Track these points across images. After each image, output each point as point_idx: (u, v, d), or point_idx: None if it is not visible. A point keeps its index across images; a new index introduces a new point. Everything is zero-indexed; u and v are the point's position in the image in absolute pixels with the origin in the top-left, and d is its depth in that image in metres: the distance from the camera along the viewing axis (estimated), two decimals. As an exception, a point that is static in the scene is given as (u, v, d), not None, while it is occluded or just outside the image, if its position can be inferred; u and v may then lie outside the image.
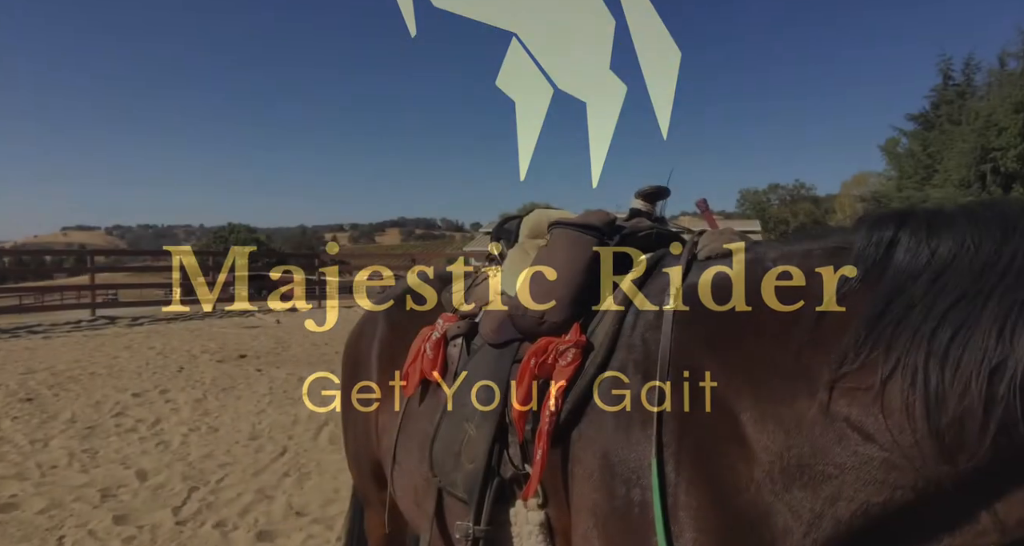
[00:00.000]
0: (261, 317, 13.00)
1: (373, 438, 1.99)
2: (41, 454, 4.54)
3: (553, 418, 1.23)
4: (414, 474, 1.66)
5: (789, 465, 0.96)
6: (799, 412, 0.96)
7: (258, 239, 63.97)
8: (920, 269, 0.93)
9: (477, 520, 1.33)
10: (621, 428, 1.15)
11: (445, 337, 1.68)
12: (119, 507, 3.68)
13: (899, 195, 33.91)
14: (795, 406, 0.97)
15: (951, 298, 0.87)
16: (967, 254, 0.90)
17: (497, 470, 1.35)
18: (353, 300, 18.84)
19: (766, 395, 1.01)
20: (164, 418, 5.50)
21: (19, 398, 6.01)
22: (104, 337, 9.99)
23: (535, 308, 1.35)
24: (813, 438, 0.94)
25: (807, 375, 0.97)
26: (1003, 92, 27.77)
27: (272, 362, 8.12)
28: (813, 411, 0.95)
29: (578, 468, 1.20)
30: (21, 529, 3.36)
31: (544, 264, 1.41)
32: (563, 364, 1.26)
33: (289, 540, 3.36)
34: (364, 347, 2.09)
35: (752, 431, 1.00)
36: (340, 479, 4.17)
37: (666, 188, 1.62)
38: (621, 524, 1.09)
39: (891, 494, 0.89)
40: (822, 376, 0.95)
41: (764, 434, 0.99)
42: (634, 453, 1.11)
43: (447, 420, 1.52)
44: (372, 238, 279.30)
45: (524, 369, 1.31)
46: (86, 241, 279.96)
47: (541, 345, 1.32)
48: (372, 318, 2.14)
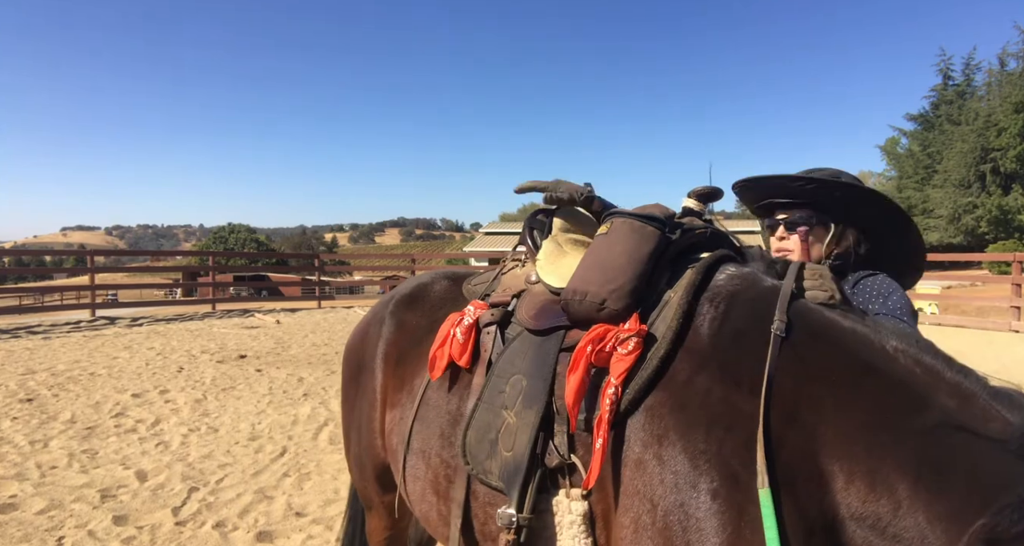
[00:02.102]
0: (261, 317, 13.00)
1: (378, 440, 1.95)
2: (41, 454, 4.54)
3: (614, 407, 1.21)
4: (436, 460, 1.62)
5: (857, 527, 0.99)
6: (894, 501, 0.97)
7: (258, 239, 64.02)
8: None
9: (520, 509, 1.31)
10: (692, 427, 1.13)
11: (477, 324, 1.65)
12: (119, 507, 3.68)
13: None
14: (893, 495, 0.97)
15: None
16: None
17: (541, 459, 1.33)
18: (353, 300, 18.85)
19: (862, 460, 1.00)
20: (164, 418, 5.50)
21: (19, 399, 6.01)
22: (104, 337, 9.99)
23: (596, 292, 1.33)
24: (895, 530, 0.96)
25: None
26: (1003, 92, 27.72)
27: (272, 362, 8.12)
28: (904, 510, 0.95)
29: (633, 462, 1.18)
30: (21, 529, 3.36)
31: (605, 251, 1.38)
32: (623, 352, 1.24)
33: (289, 540, 3.36)
34: (369, 347, 2.05)
35: (838, 484, 1.01)
36: (340, 479, 4.17)
37: (719, 189, 1.61)
38: (683, 523, 1.07)
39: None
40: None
41: (849, 493, 1.00)
42: (722, 455, 1.09)
43: (482, 407, 1.49)
44: (372, 238, 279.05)
45: (579, 356, 1.28)
46: (86, 241, 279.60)
47: (599, 333, 1.29)
48: (377, 318, 2.09)
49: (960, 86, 30.71)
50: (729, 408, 1.11)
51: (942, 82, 30.37)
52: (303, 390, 6.60)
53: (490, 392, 1.50)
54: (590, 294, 1.34)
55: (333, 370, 7.61)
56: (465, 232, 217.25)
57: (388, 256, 45.50)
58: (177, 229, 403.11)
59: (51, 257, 75.86)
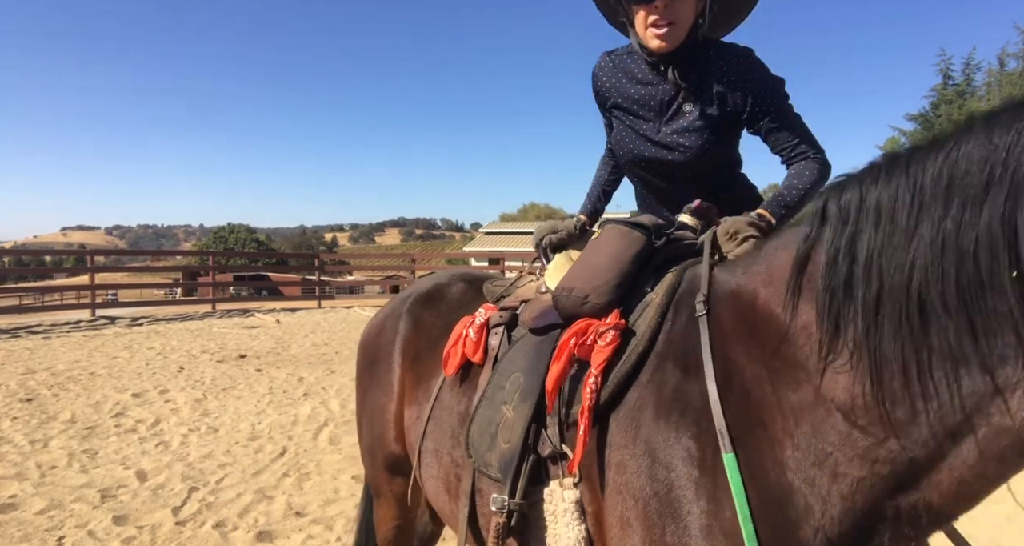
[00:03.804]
0: (261, 317, 13.00)
1: (390, 431, 2.04)
2: (41, 454, 4.54)
3: (594, 395, 1.27)
4: (447, 459, 1.70)
5: (802, 446, 1.03)
6: (803, 397, 1.05)
7: (258, 239, 64.04)
8: (852, 253, 1.00)
9: (512, 494, 1.37)
10: (663, 415, 1.18)
11: (487, 324, 1.74)
12: (119, 507, 3.68)
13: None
14: (800, 392, 1.05)
15: (876, 285, 0.96)
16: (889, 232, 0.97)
17: (533, 448, 1.39)
18: (353, 300, 18.89)
19: (781, 383, 1.08)
20: (164, 418, 5.51)
21: (19, 398, 6.01)
22: (104, 337, 9.99)
23: (581, 288, 1.41)
24: (815, 421, 1.03)
25: (805, 365, 1.06)
26: (1003, 92, 27.85)
27: (272, 362, 8.12)
28: (811, 395, 1.04)
29: (616, 451, 1.24)
30: (21, 529, 3.37)
31: (594, 253, 1.48)
32: (602, 344, 1.31)
33: (289, 540, 3.36)
34: (385, 343, 2.12)
35: (773, 416, 1.08)
36: (340, 479, 4.18)
37: (713, 207, 1.65)
38: (662, 506, 1.12)
39: (871, 469, 0.97)
40: (814, 363, 1.04)
41: (781, 419, 1.07)
42: (682, 440, 1.14)
43: (485, 403, 1.56)
44: (372, 238, 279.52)
45: (563, 348, 1.36)
46: (86, 241, 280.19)
47: (581, 327, 1.37)
48: (395, 314, 2.17)
49: (960, 86, 30.71)
50: (682, 395, 1.19)
51: (942, 82, 30.41)
52: (303, 390, 6.60)
53: (492, 389, 1.57)
54: (576, 290, 1.43)
55: (333, 370, 7.61)
56: (465, 232, 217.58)
57: (388, 256, 45.54)
58: (177, 229, 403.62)
59: (51, 257, 75.90)
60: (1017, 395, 0.84)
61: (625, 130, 1.86)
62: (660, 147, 1.79)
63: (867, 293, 0.96)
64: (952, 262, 0.87)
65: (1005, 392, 0.85)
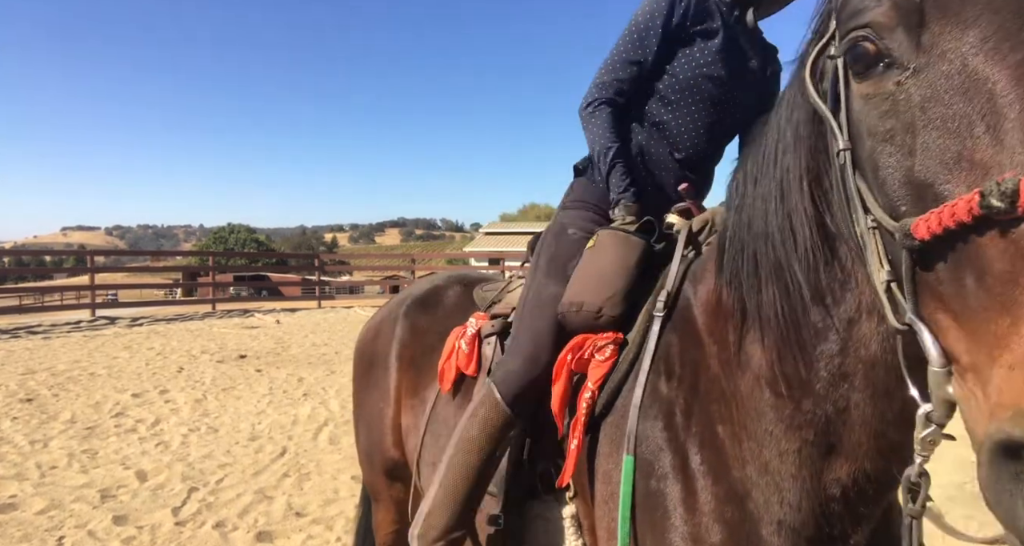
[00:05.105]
0: (261, 317, 13.00)
1: (388, 437, 2.02)
2: (41, 454, 4.54)
3: (588, 411, 1.26)
4: None
5: (754, 434, 1.04)
6: (746, 383, 1.06)
7: (258, 239, 64.04)
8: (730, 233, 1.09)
9: (505, 508, 1.36)
10: (648, 422, 1.18)
11: (479, 335, 1.71)
12: (119, 507, 3.69)
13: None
14: (744, 378, 1.07)
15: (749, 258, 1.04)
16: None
17: (527, 463, 1.38)
18: (353, 300, 18.87)
19: (732, 375, 1.09)
20: (164, 418, 5.51)
21: (19, 398, 6.01)
22: (104, 337, 9.99)
23: (592, 302, 1.35)
24: (757, 404, 1.03)
25: (739, 351, 1.08)
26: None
27: (272, 362, 8.12)
28: (751, 379, 1.05)
29: (603, 460, 1.23)
30: (21, 529, 3.37)
31: (597, 262, 1.41)
32: (600, 359, 1.29)
33: (289, 540, 3.37)
34: (381, 347, 2.11)
35: (731, 412, 1.08)
36: (340, 479, 4.18)
37: (698, 200, 1.61)
38: (647, 516, 1.12)
39: (800, 435, 0.99)
40: (737, 341, 1.08)
41: (737, 412, 1.07)
42: (658, 449, 1.13)
43: None
44: (372, 238, 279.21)
45: (561, 365, 1.33)
46: (86, 241, 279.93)
47: (577, 341, 1.34)
48: (391, 317, 2.15)
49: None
50: (659, 397, 1.20)
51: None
52: (303, 390, 6.60)
53: None
54: (587, 303, 1.36)
55: (333, 370, 7.61)
56: (465, 232, 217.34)
57: (388, 256, 45.51)
58: (177, 229, 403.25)
59: (51, 257, 75.84)
60: (863, 324, 0.89)
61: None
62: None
63: (746, 265, 1.04)
64: (776, 226, 0.98)
65: (852, 326, 0.90)
